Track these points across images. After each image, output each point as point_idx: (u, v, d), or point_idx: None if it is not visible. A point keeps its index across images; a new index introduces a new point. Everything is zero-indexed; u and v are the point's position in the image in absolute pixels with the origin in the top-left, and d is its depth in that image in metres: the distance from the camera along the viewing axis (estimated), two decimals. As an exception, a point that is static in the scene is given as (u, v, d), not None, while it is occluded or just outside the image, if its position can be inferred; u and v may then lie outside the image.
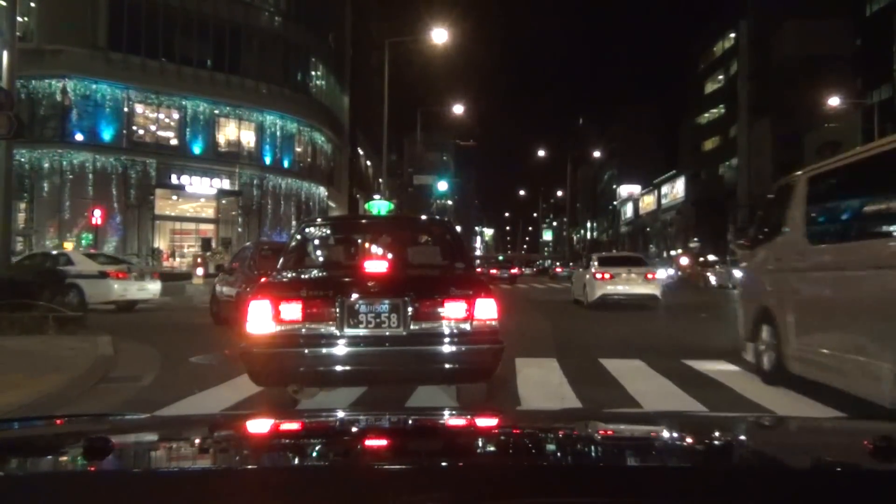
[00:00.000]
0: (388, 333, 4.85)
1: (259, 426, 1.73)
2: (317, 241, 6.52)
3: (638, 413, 3.70)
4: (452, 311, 4.88)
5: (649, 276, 18.80)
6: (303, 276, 5.41)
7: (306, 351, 4.81)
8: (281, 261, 5.77)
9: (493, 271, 41.46)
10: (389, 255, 6.49)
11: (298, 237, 6.20)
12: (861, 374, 5.14)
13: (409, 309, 4.84)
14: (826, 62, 53.64)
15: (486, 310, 4.92)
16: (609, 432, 1.67)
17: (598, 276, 18.34)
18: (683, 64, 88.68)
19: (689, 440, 1.59)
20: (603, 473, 1.20)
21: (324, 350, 4.81)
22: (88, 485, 1.14)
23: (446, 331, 4.88)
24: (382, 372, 5.01)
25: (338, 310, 4.81)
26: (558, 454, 1.48)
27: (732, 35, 74.24)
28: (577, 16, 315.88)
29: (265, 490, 1.09)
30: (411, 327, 4.84)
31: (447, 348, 4.88)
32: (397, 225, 8.04)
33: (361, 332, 4.83)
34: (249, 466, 1.33)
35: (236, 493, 1.08)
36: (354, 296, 4.86)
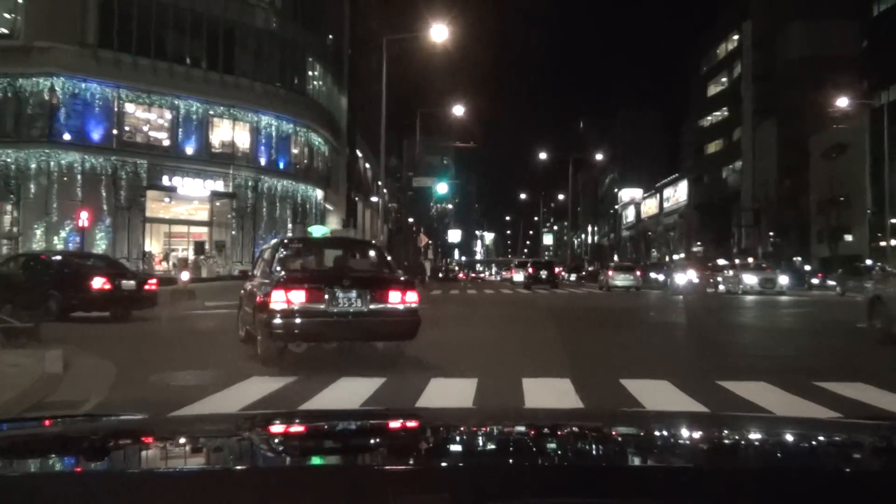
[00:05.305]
0: (354, 310, 7.81)
1: (258, 427, 1.67)
2: (298, 253, 9.37)
3: (640, 412, 3.67)
4: (393, 298, 7.98)
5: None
6: (302, 275, 8.35)
7: (308, 319, 7.66)
8: (279, 264, 8.39)
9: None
10: (349, 263, 9.23)
11: (283, 251, 8.85)
12: None
13: (369, 296, 7.86)
14: (832, 63, 52.75)
15: (412, 297, 8.12)
16: (611, 432, 1.64)
17: None
18: (686, 66, 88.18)
19: (690, 440, 1.60)
20: (605, 473, 1.19)
21: (318, 319, 7.73)
22: (85, 486, 1.12)
23: (390, 309, 7.94)
24: (353, 333, 8.04)
25: (326, 295, 7.76)
26: (560, 454, 1.47)
27: (736, 37, 73.44)
28: (579, 18, 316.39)
29: (265, 491, 1.08)
30: (370, 307, 7.85)
31: (390, 319, 7.95)
32: (348, 245, 12.20)
33: (340, 309, 7.77)
34: (249, 467, 1.32)
35: (235, 494, 1.08)
36: (336, 287, 7.81)
